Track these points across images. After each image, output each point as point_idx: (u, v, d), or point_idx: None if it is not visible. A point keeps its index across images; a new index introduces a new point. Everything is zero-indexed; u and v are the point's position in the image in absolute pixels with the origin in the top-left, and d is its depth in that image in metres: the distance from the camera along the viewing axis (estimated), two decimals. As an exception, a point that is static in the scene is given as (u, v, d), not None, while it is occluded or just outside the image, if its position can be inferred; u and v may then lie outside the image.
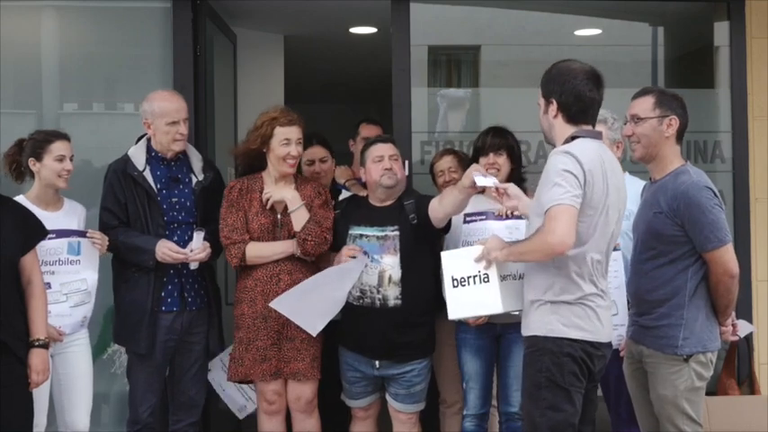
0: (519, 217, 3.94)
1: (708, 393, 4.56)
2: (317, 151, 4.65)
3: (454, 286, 3.38)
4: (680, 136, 3.48)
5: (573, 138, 3.14)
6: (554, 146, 3.22)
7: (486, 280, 3.31)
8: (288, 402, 4.04)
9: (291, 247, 3.95)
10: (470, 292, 3.34)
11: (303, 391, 3.99)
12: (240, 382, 4.14)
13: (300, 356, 3.94)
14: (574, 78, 3.17)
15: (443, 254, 3.49)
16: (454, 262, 3.41)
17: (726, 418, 4.32)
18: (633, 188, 3.60)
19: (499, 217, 3.96)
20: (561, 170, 3.03)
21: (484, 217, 4.00)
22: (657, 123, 3.42)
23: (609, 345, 3.25)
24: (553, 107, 3.20)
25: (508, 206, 3.61)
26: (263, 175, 4.07)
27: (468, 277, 3.34)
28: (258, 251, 3.96)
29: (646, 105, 3.45)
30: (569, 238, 2.99)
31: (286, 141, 3.97)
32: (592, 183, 3.05)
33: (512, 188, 3.58)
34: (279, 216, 4.00)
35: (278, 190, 3.99)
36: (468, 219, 4.02)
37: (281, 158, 3.97)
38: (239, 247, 3.95)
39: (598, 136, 3.21)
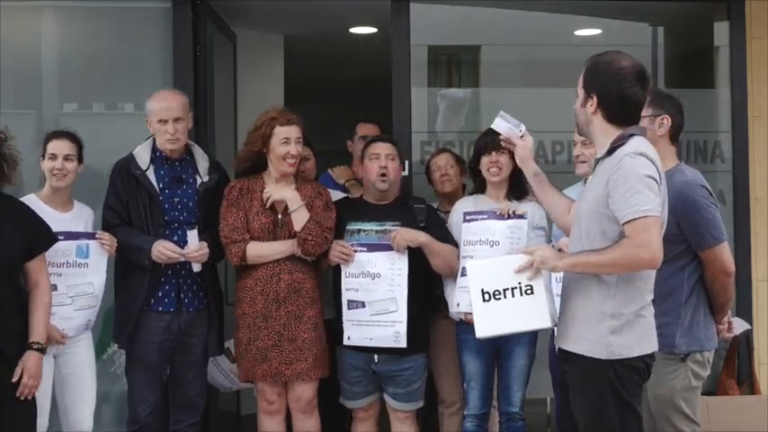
0: (521, 216, 3.94)
1: (708, 393, 4.58)
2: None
3: (485, 300, 3.06)
4: (674, 136, 3.47)
5: (629, 136, 2.93)
6: (589, 139, 3.14)
7: (529, 292, 3.02)
8: (288, 402, 4.04)
9: (292, 246, 3.95)
10: (508, 306, 3.02)
11: (304, 391, 3.99)
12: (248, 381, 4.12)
13: (303, 356, 3.94)
14: (622, 79, 2.94)
15: (469, 264, 3.19)
16: (484, 273, 3.09)
17: (726, 418, 4.31)
18: None
19: (500, 216, 3.96)
20: (643, 175, 2.83)
21: (485, 216, 4.00)
22: (649, 122, 3.41)
23: None
24: (593, 102, 2.98)
25: (520, 155, 3.32)
26: (264, 176, 4.07)
27: (505, 290, 3.03)
28: (258, 251, 3.96)
29: None
30: (661, 252, 2.81)
31: (285, 140, 3.97)
32: (663, 186, 2.92)
33: (528, 139, 3.31)
34: (279, 216, 4.00)
35: (278, 190, 3.99)
36: (468, 218, 4.02)
37: (281, 158, 3.98)
38: (239, 247, 3.95)
39: (645, 132, 3.04)
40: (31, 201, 3.87)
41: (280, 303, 3.93)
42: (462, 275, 3.96)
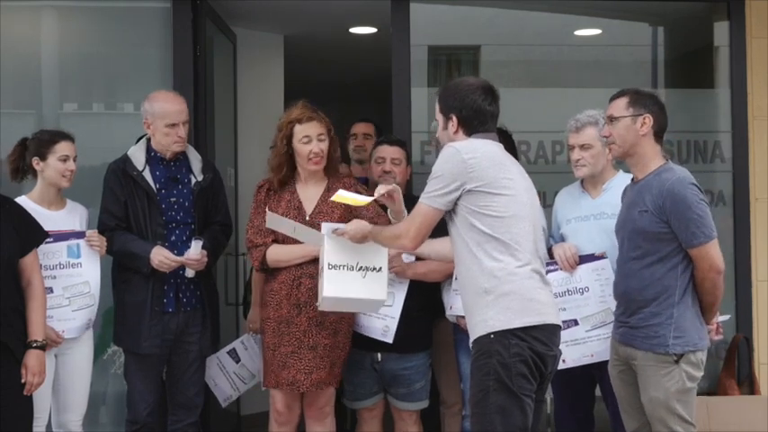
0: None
1: (708, 393, 4.58)
2: None
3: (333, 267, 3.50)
4: (658, 135, 3.47)
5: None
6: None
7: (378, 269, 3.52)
8: (303, 407, 3.99)
9: (313, 250, 3.77)
10: (355, 276, 3.50)
11: (315, 398, 3.93)
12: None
13: (323, 364, 3.83)
14: (472, 93, 3.23)
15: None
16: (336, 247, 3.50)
17: (726, 418, 4.31)
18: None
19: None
20: (441, 164, 3.20)
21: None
22: (631, 122, 3.43)
23: None
24: (453, 123, 3.24)
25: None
26: (295, 174, 3.98)
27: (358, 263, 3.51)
28: (278, 255, 3.88)
29: (620, 105, 3.47)
30: (413, 238, 3.25)
31: (306, 139, 3.87)
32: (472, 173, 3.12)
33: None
34: (307, 218, 3.89)
35: (303, 233, 3.77)
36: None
37: (305, 157, 3.89)
38: (260, 251, 3.89)
39: (493, 138, 3.25)
40: (22, 202, 3.86)
41: (301, 309, 3.83)
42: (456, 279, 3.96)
